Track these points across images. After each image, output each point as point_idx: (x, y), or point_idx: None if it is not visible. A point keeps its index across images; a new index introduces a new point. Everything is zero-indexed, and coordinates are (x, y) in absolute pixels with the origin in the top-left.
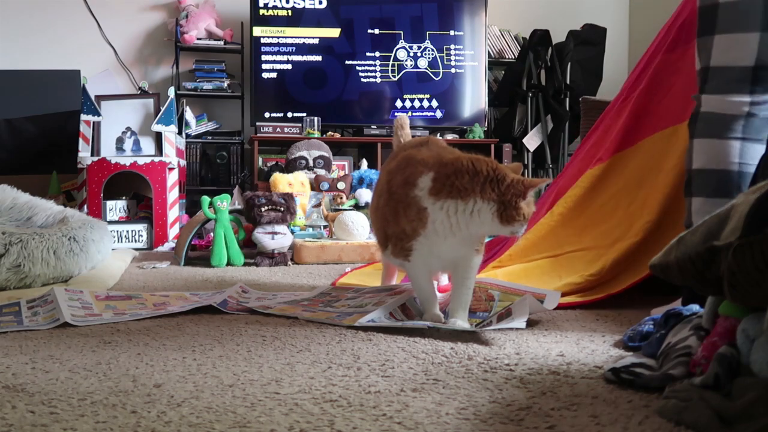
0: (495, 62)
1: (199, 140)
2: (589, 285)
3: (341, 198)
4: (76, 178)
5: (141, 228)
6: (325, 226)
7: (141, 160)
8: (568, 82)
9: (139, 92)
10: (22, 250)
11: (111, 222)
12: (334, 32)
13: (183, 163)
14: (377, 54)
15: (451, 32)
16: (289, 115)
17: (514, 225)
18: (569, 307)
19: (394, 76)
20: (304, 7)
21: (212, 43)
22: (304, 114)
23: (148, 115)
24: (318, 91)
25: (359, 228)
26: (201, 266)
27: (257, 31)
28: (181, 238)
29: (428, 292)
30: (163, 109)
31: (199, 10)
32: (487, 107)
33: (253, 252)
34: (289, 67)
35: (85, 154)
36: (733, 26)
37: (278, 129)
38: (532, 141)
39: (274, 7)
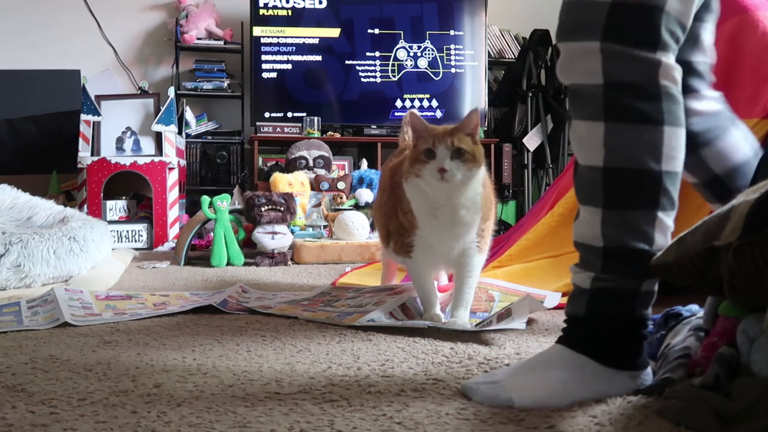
0: (495, 62)
1: (199, 140)
2: None
3: (341, 198)
4: (76, 178)
5: (141, 228)
6: (325, 226)
7: (141, 160)
8: None
9: (139, 92)
10: (23, 249)
11: (111, 222)
12: (334, 32)
13: (183, 163)
14: (377, 54)
15: (451, 32)
16: (289, 115)
17: (416, 173)
18: None
19: (394, 76)
20: (304, 7)
21: (212, 43)
22: (304, 114)
23: (148, 115)
24: (318, 91)
25: (359, 228)
26: (201, 266)
27: (257, 31)
28: (181, 238)
29: (429, 292)
30: (163, 109)
31: (199, 9)
32: (487, 107)
33: (253, 252)
34: (289, 67)
35: (85, 154)
36: None
37: (278, 129)
38: (532, 141)
39: (274, 7)
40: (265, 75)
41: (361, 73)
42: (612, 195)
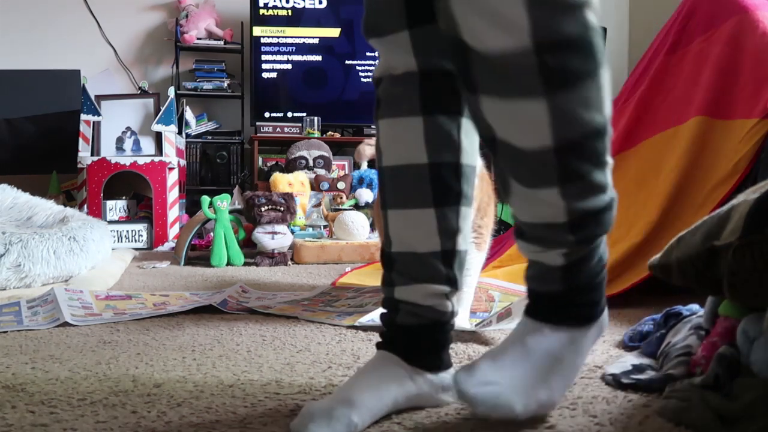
0: None
1: (199, 140)
2: None
3: (341, 198)
4: (76, 178)
5: (141, 228)
6: (325, 226)
7: (141, 160)
8: None
9: (139, 92)
10: (23, 249)
11: (111, 222)
12: (334, 32)
13: (183, 162)
14: (377, 54)
15: None
16: (289, 115)
17: None
18: None
19: None
20: (304, 7)
21: (212, 42)
22: (304, 114)
23: (148, 115)
24: (318, 90)
25: (359, 228)
26: (201, 266)
27: (257, 30)
28: (181, 238)
29: None
30: (163, 109)
31: (199, 9)
32: None
33: (253, 252)
34: (289, 66)
35: (85, 154)
36: None
37: (278, 129)
38: None
39: (274, 7)
40: (265, 75)
41: (361, 73)
42: (568, 170)
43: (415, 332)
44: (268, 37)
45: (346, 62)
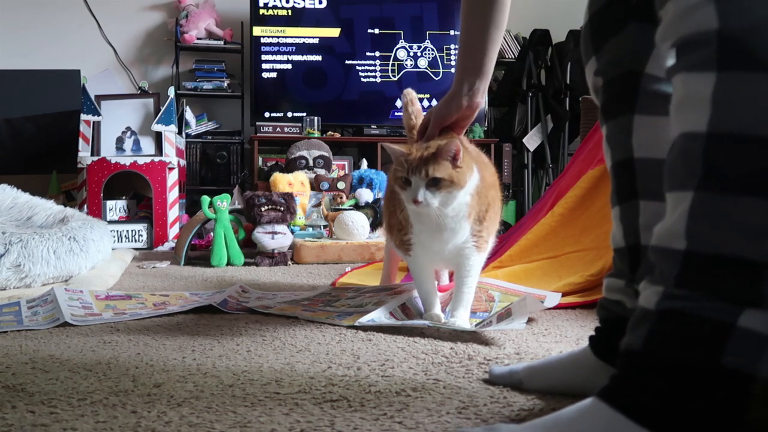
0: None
1: (199, 140)
2: (589, 285)
3: (341, 198)
4: (76, 178)
5: (141, 228)
6: (325, 226)
7: (141, 160)
8: (568, 81)
9: (139, 92)
10: (23, 249)
11: (111, 222)
12: (334, 32)
13: (183, 162)
14: (377, 54)
15: (451, 32)
16: (289, 114)
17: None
18: (569, 307)
19: (394, 76)
20: (304, 7)
21: (212, 42)
22: (304, 114)
23: (148, 115)
24: (318, 90)
25: (359, 228)
26: (201, 266)
27: (257, 30)
28: (181, 237)
29: (429, 291)
30: (163, 109)
31: (199, 9)
32: (487, 107)
33: (253, 252)
34: (289, 66)
35: (85, 154)
36: None
37: (278, 129)
38: (532, 141)
39: (274, 7)
40: (265, 75)
41: (361, 73)
42: (714, 170)
43: None
44: (268, 37)
45: (346, 62)
